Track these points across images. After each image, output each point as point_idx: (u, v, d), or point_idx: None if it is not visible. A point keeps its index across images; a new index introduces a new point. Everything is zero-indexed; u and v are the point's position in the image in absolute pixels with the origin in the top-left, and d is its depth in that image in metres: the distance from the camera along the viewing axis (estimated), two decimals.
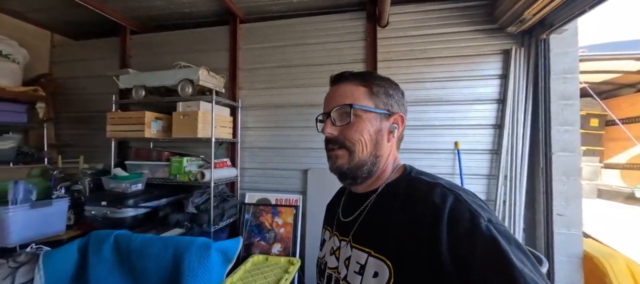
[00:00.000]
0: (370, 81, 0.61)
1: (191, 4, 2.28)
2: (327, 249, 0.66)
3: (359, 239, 0.56)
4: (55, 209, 1.85)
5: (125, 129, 2.10)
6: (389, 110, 0.61)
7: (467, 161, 2.03)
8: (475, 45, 2.04)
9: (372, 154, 0.58)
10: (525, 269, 0.37)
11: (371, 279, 0.50)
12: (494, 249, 0.39)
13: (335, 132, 0.59)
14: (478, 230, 0.41)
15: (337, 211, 0.68)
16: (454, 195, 0.47)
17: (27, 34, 2.62)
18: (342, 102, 0.58)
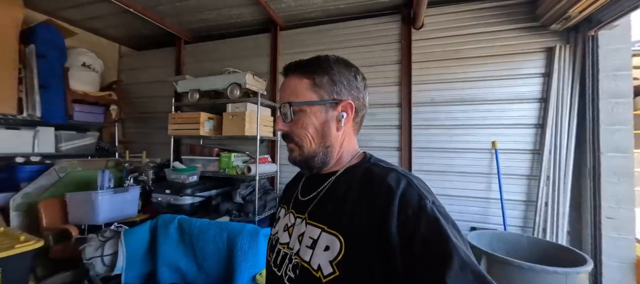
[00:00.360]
0: (313, 71, 0.60)
1: (238, 14, 2.52)
2: (280, 226, 0.68)
3: (315, 216, 0.58)
4: (130, 196, 2.18)
5: (183, 128, 2.40)
6: (334, 98, 0.60)
7: (505, 160, 2.01)
8: (514, 44, 2.02)
9: (321, 145, 0.60)
10: (458, 242, 0.43)
11: (322, 253, 0.52)
12: (435, 226, 0.45)
13: (286, 128, 0.61)
14: (424, 210, 0.46)
15: (296, 191, 0.69)
16: (407, 180, 0.52)
17: (100, 46, 3.08)
18: (285, 100, 0.60)
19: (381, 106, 2.31)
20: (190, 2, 2.33)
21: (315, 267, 0.52)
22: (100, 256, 1.85)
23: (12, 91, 2.09)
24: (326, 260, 0.51)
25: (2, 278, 1.35)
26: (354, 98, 0.62)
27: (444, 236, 0.44)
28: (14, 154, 2.22)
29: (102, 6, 2.44)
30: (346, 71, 0.62)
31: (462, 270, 0.40)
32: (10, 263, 1.38)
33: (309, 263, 0.53)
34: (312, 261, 0.53)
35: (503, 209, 1.92)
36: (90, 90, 2.72)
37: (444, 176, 2.15)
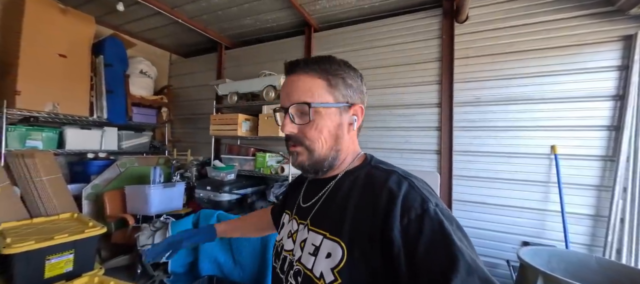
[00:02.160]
0: (328, 71, 0.57)
1: (274, 19, 2.60)
2: (285, 232, 0.66)
3: (316, 223, 0.57)
4: (177, 190, 2.39)
5: (223, 128, 2.55)
6: (348, 102, 0.58)
7: (567, 168, 1.75)
8: (581, 33, 1.75)
9: (333, 148, 0.58)
10: (463, 247, 0.42)
11: (324, 260, 0.51)
12: (439, 229, 0.43)
13: (295, 130, 0.57)
14: (427, 213, 0.45)
15: (299, 197, 0.67)
16: (408, 182, 0.50)
17: (155, 55, 3.42)
18: (300, 99, 0.55)
19: (418, 106, 2.18)
20: (231, 10, 2.47)
21: (317, 274, 0.51)
22: (151, 244, 2.04)
23: (86, 96, 2.43)
24: (328, 267, 0.50)
25: (74, 257, 1.57)
26: (362, 102, 0.62)
27: (449, 240, 0.42)
28: (86, 150, 2.58)
29: (155, 19, 2.71)
30: (354, 74, 0.61)
31: (469, 275, 0.39)
32: (80, 245, 1.60)
33: (312, 271, 0.52)
34: (314, 268, 0.52)
35: (564, 223, 1.68)
36: (146, 94, 3.04)
37: (490, 183, 1.95)
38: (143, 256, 2.06)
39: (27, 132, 2.21)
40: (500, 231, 1.92)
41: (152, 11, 2.53)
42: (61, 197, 2.03)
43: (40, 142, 2.27)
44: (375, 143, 2.33)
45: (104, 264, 2.05)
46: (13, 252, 1.35)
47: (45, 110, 2.17)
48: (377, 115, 2.33)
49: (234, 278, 1.94)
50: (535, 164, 1.84)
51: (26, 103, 2.05)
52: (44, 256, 1.48)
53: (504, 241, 1.90)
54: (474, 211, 1.99)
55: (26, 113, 2.15)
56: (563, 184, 1.72)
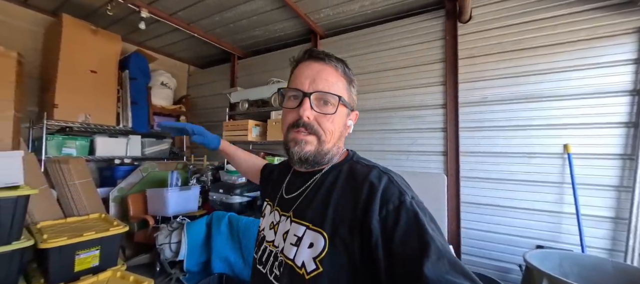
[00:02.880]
0: (349, 73, 0.61)
1: (281, 29, 2.72)
2: (267, 223, 0.67)
3: (300, 214, 0.58)
4: (192, 193, 2.54)
5: (234, 134, 2.68)
6: (352, 107, 0.63)
7: (582, 167, 1.67)
8: (594, 27, 1.68)
9: (335, 145, 0.61)
10: (435, 235, 0.45)
11: (306, 250, 0.53)
12: (414, 219, 0.47)
13: (312, 117, 0.57)
14: (404, 205, 0.48)
15: (281, 188, 0.69)
16: (388, 177, 0.53)
17: (174, 68, 3.68)
18: (330, 90, 0.56)
19: (423, 108, 2.18)
20: (241, 22, 2.62)
21: (299, 264, 0.52)
22: (168, 243, 2.18)
23: (113, 107, 2.67)
24: (310, 257, 0.52)
25: (100, 253, 1.73)
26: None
27: (422, 229, 0.46)
28: (113, 157, 2.82)
29: (174, 35, 2.94)
30: (356, 84, 0.66)
31: (439, 259, 0.42)
32: (105, 242, 1.76)
33: (293, 261, 0.54)
34: (296, 258, 0.53)
35: (580, 226, 1.59)
36: (166, 104, 3.27)
37: (500, 184, 1.89)
38: (161, 254, 2.20)
39: (63, 141, 2.47)
40: (512, 234, 1.85)
41: (170, 28, 2.74)
42: (91, 199, 2.24)
43: (74, 150, 2.52)
44: (381, 145, 2.34)
45: (127, 262, 2.21)
46: (48, 246, 1.52)
47: (79, 120, 2.42)
48: (383, 117, 2.35)
49: (245, 277, 2.02)
50: (548, 164, 1.77)
51: (62, 115, 2.30)
52: (74, 251, 1.64)
53: (517, 245, 1.82)
54: (484, 214, 1.93)
55: (62, 124, 2.41)
56: (578, 185, 1.64)
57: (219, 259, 2.11)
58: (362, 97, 2.44)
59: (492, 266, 1.89)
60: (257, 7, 2.36)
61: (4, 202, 1.40)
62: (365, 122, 2.42)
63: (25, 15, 2.45)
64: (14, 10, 2.39)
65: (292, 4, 2.23)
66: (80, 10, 2.49)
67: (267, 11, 2.41)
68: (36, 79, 2.50)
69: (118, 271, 1.79)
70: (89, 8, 2.48)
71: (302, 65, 0.60)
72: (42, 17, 2.54)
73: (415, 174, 2.11)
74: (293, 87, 0.59)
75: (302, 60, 0.61)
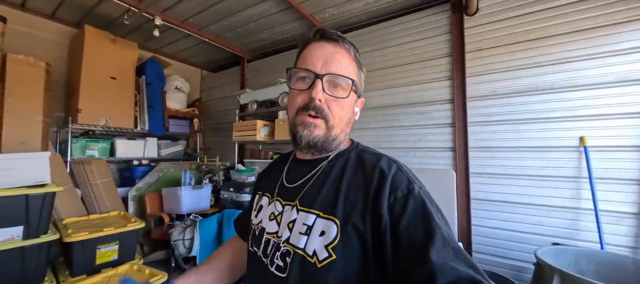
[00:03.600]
0: (359, 58, 0.60)
1: (287, 30, 2.78)
2: (265, 214, 0.64)
3: (307, 203, 0.56)
4: (204, 192, 2.63)
5: (244, 134, 2.76)
6: (360, 93, 0.63)
7: (600, 161, 1.58)
8: (607, 13, 1.60)
9: (343, 131, 0.60)
10: (441, 223, 0.47)
11: (317, 238, 0.52)
12: (421, 206, 0.48)
13: (323, 99, 0.55)
14: (412, 193, 0.50)
15: (280, 178, 0.66)
16: (397, 165, 0.55)
17: (188, 72, 3.83)
18: (343, 73, 0.55)
19: (430, 103, 2.15)
20: (249, 26, 2.70)
21: (310, 253, 0.51)
22: (182, 240, 2.28)
23: (131, 111, 2.83)
24: (322, 245, 0.51)
25: (118, 247, 1.84)
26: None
27: (429, 217, 0.47)
28: (132, 158, 2.97)
29: (186, 40, 3.07)
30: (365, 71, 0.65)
31: (444, 246, 0.43)
32: (123, 237, 1.86)
33: (304, 250, 0.52)
34: (307, 247, 0.52)
35: (598, 222, 1.51)
36: (180, 107, 3.41)
37: (511, 180, 1.83)
38: (175, 250, 2.30)
39: (86, 144, 2.64)
40: (526, 231, 1.78)
41: (183, 34, 2.87)
42: (111, 198, 2.38)
43: (96, 152, 2.69)
44: (388, 142, 2.33)
45: (145, 258, 2.33)
46: (72, 240, 1.64)
47: (100, 124, 2.58)
48: (389, 114, 2.33)
49: None
50: (563, 158, 1.69)
51: (86, 119, 2.47)
52: (95, 245, 1.75)
53: (531, 243, 1.75)
54: (495, 210, 1.87)
55: (86, 127, 2.58)
56: (595, 179, 1.55)
57: None
58: (369, 95, 2.43)
59: (505, 264, 1.82)
60: (263, 10, 2.42)
61: (33, 199, 1.52)
62: (371, 119, 2.42)
63: (52, 27, 2.66)
64: (42, 23, 2.59)
65: (296, 5, 2.27)
66: (101, 21, 2.66)
67: (273, 13, 2.47)
68: (62, 86, 2.69)
69: (135, 264, 1.89)
70: (109, 19, 2.64)
71: (313, 45, 0.57)
72: (67, 29, 2.74)
73: (423, 171, 2.08)
74: (304, 68, 0.56)
75: (312, 40, 0.58)
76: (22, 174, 1.54)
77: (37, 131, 2.11)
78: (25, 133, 2.04)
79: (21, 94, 2.03)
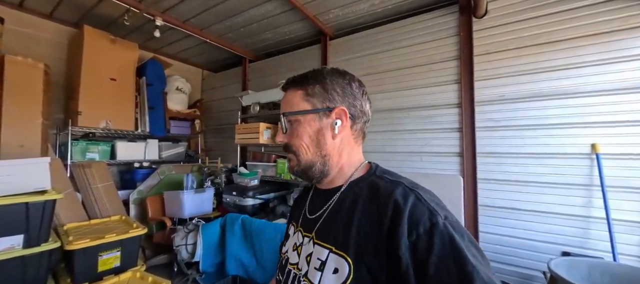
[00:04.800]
0: (306, 82, 0.61)
1: (291, 31, 2.73)
2: (290, 244, 0.66)
3: (322, 236, 0.56)
4: (207, 195, 2.59)
5: (246, 137, 2.72)
6: (328, 106, 0.59)
7: (613, 169, 1.55)
8: (620, 17, 1.56)
9: (317, 154, 0.59)
10: (478, 264, 0.40)
11: (331, 276, 0.50)
12: (450, 245, 0.42)
13: (285, 139, 0.62)
14: (436, 228, 0.43)
15: (304, 207, 0.67)
16: (415, 194, 0.49)
17: (189, 73, 3.77)
18: (281, 111, 0.62)
19: (437, 107, 2.11)
20: (251, 26, 2.65)
21: None
22: (184, 245, 2.25)
23: (132, 113, 2.78)
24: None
25: (121, 254, 1.81)
26: (349, 105, 0.61)
27: (462, 257, 0.41)
28: (133, 160, 2.93)
29: (187, 41, 3.01)
30: (340, 78, 0.61)
31: None
32: (126, 243, 1.83)
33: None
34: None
35: (611, 232, 1.48)
36: (181, 108, 3.36)
37: (520, 187, 1.80)
38: (178, 255, 2.27)
39: (86, 146, 2.60)
40: (535, 239, 1.75)
41: (184, 34, 2.82)
42: (112, 201, 2.34)
43: (97, 155, 2.65)
44: (393, 147, 2.30)
45: (147, 262, 2.30)
46: (73, 248, 1.60)
47: (100, 127, 2.53)
48: (394, 118, 2.30)
49: (257, 278, 2.04)
50: (574, 165, 1.66)
51: (86, 121, 2.42)
52: (97, 253, 1.72)
53: (540, 251, 1.73)
54: (503, 218, 1.85)
55: (86, 130, 2.53)
56: (608, 188, 1.52)
57: (233, 260, 2.14)
58: (373, 98, 2.36)
59: (513, 272, 1.80)
60: (266, 11, 2.37)
61: (33, 207, 1.48)
62: (376, 123, 2.38)
63: (50, 27, 2.60)
64: (40, 23, 2.54)
65: (300, 6, 2.23)
66: (100, 21, 2.61)
67: (276, 14, 2.42)
68: (62, 87, 2.65)
69: (138, 271, 1.86)
70: (108, 19, 2.59)
71: None
72: (65, 29, 2.68)
73: (429, 176, 2.05)
74: None
75: None
76: (21, 180, 1.50)
77: (36, 134, 2.07)
78: (24, 136, 2.00)
79: (19, 96, 1.99)
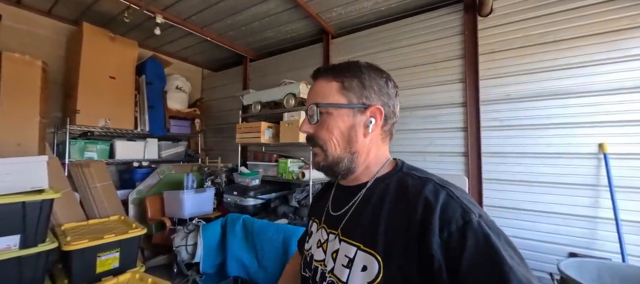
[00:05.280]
0: (343, 74, 0.58)
1: (293, 29, 2.70)
2: (314, 241, 0.65)
3: (348, 233, 0.55)
4: (207, 195, 2.56)
5: (248, 136, 2.68)
6: (364, 103, 0.57)
7: (621, 169, 1.53)
8: (627, 16, 1.55)
9: (346, 150, 0.57)
10: (515, 264, 0.38)
11: (359, 273, 0.49)
12: (485, 243, 0.40)
13: (311, 130, 0.59)
14: (470, 226, 0.42)
15: (327, 204, 0.66)
16: (446, 191, 0.47)
17: (189, 72, 3.74)
18: (312, 101, 0.58)
19: (442, 106, 2.09)
20: (253, 25, 2.62)
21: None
22: (184, 245, 2.21)
23: (131, 112, 2.74)
24: (364, 281, 0.48)
25: (120, 255, 1.77)
26: (384, 104, 0.59)
27: (498, 256, 0.39)
28: (132, 160, 2.90)
29: (188, 39, 2.98)
30: (377, 76, 0.59)
31: None
32: (125, 244, 1.79)
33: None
34: (349, 281, 0.51)
35: (619, 232, 1.46)
36: (181, 108, 3.33)
37: (526, 187, 1.78)
38: (178, 256, 2.23)
39: (85, 145, 2.56)
40: (541, 240, 1.73)
41: (184, 32, 2.78)
42: (111, 201, 2.30)
43: (95, 154, 2.61)
44: (397, 146, 2.27)
45: (146, 263, 2.26)
46: (71, 249, 1.57)
47: (99, 125, 2.50)
48: (399, 117, 2.26)
49: (258, 279, 2.01)
50: (581, 165, 1.64)
51: (84, 120, 2.38)
52: (95, 253, 1.68)
53: (547, 252, 1.71)
54: (509, 218, 1.83)
55: (84, 128, 2.50)
56: (616, 188, 1.51)
57: (234, 261, 2.11)
58: None
59: None
60: (268, 9, 2.35)
61: (30, 206, 1.45)
62: None
63: (48, 24, 2.56)
64: (38, 20, 2.50)
65: (303, 4, 2.20)
66: (100, 18, 2.57)
67: (278, 12, 2.39)
68: (60, 85, 2.61)
69: (137, 273, 1.82)
70: (108, 16, 2.55)
71: None
72: (64, 26, 2.64)
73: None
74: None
75: None
76: (18, 179, 1.47)
77: (34, 132, 2.03)
78: (21, 134, 1.96)
79: (17, 94, 1.95)
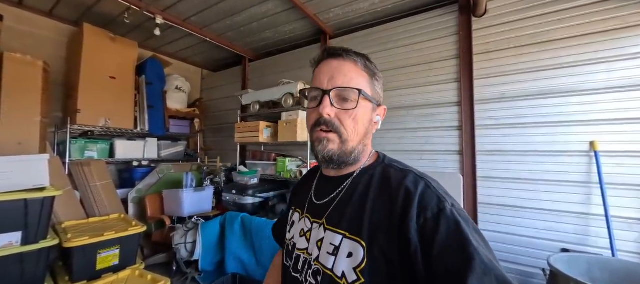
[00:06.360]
0: (372, 67, 0.58)
1: (291, 30, 2.73)
2: (296, 230, 0.65)
3: (333, 222, 0.56)
4: (206, 194, 2.59)
5: (246, 136, 2.71)
6: (378, 101, 0.60)
7: (611, 166, 1.56)
8: (619, 16, 1.58)
9: (361, 142, 0.58)
10: (480, 247, 0.42)
11: (345, 260, 0.51)
12: (455, 229, 0.44)
13: (333, 114, 0.55)
14: (443, 213, 0.45)
15: (309, 194, 0.66)
16: (425, 182, 0.51)
17: (188, 72, 3.77)
18: (349, 84, 0.54)
19: (437, 106, 2.12)
20: (252, 25, 2.65)
21: (338, 274, 0.51)
22: (183, 243, 2.24)
23: (131, 112, 2.77)
24: (350, 267, 0.50)
25: (120, 252, 1.79)
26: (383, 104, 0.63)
27: (465, 240, 0.43)
28: (132, 159, 2.92)
29: (187, 40, 3.01)
30: (381, 76, 0.62)
31: (486, 274, 0.40)
32: (125, 242, 1.82)
33: (332, 270, 0.52)
34: (335, 268, 0.52)
35: (609, 228, 1.49)
36: (181, 107, 3.36)
37: (520, 185, 1.81)
38: (177, 254, 2.26)
39: (85, 145, 2.59)
40: (534, 236, 1.76)
41: (184, 33, 2.81)
42: (111, 200, 2.33)
43: (95, 153, 2.63)
44: (394, 145, 2.30)
45: (145, 261, 2.28)
46: (72, 246, 1.59)
47: (99, 125, 2.52)
48: (395, 116, 2.30)
49: (257, 276, 2.04)
50: (573, 163, 1.67)
51: (84, 120, 2.41)
52: (96, 250, 1.71)
53: (540, 248, 1.73)
54: (503, 215, 1.85)
55: (85, 128, 2.52)
56: (606, 185, 1.54)
57: (232, 259, 2.14)
58: None
59: (513, 270, 1.80)
60: (266, 10, 2.38)
61: (32, 203, 1.47)
62: None
63: (49, 25, 2.59)
64: (39, 21, 2.53)
65: (301, 5, 2.23)
66: (100, 19, 2.60)
67: (276, 13, 2.42)
68: (61, 85, 2.64)
69: (136, 270, 1.85)
70: (108, 17, 2.58)
71: (322, 64, 0.59)
72: (65, 27, 2.67)
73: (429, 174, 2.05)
74: (313, 87, 0.58)
75: (321, 60, 0.60)
76: (20, 177, 1.49)
77: (35, 132, 2.06)
78: (22, 134, 1.99)
79: (18, 94, 1.98)
